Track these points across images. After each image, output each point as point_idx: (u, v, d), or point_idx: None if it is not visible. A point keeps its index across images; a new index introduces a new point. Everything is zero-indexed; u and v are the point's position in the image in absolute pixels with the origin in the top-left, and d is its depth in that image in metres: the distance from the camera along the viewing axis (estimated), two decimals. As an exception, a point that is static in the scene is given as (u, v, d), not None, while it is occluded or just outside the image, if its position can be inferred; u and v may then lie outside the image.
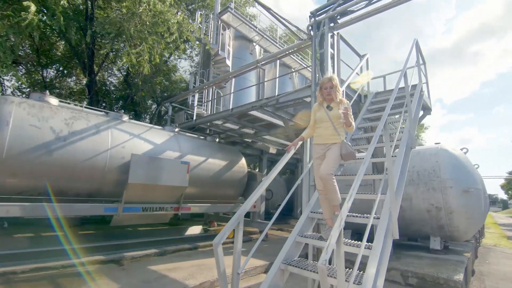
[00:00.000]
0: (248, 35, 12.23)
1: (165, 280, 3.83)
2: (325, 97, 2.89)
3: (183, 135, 7.02)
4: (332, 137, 2.81)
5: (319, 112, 2.91)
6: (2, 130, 3.89)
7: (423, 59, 5.68)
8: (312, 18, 4.70)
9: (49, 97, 4.86)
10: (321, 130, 2.87)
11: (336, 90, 2.83)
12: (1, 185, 4.01)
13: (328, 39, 4.45)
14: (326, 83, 2.84)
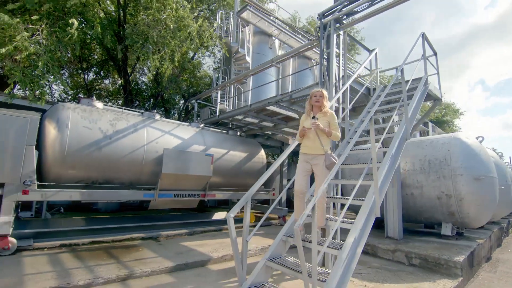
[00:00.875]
0: (267, 30, 12.61)
1: (193, 253, 4.62)
2: (313, 104, 3.15)
3: (207, 130, 7.77)
4: (316, 148, 3.04)
5: (306, 122, 3.15)
6: (63, 132, 4.86)
7: (433, 50, 5.82)
8: (319, 20, 5.08)
9: (95, 101, 5.81)
10: (307, 140, 3.10)
11: (325, 99, 3.12)
12: (64, 176, 5.02)
13: (333, 39, 4.82)
14: (316, 92, 3.16)
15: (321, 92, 3.14)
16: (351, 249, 2.57)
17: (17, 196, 4.28)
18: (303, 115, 3.29)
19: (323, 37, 4.89)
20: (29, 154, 4.39)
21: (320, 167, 2.99)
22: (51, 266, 3.68)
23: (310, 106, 3.20)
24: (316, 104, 3.13)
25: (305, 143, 3.13)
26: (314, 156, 3.05)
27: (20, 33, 7.10)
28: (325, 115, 3.11)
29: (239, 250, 2.86)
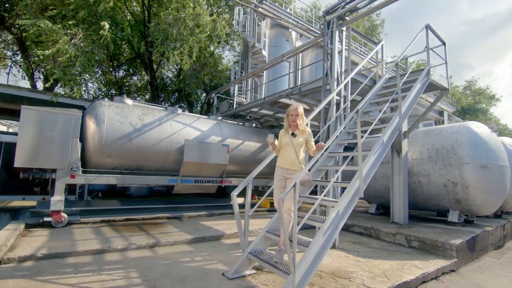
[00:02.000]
0: (284, 22, 12.83)
1: (210, 230, 5.32)
2: (290, 123, 3.24)
3: (225, 123, 8.40)
4: (293, 164, 3.16)
5: (284, 137, 3.23)
6: (101, 126, 5.72)
7: (441, 40, 5.89)
8: (323, 18, 5.39)
9: (126, 99, 6.63)
10: (286, 154, 3.21)
11: (301, 118, 3.20)
12: (102, 163, 5.92)
13: (336, 36, 5.13)
14: (292, 111, 3.22)
15: (296, 111, 3.20)
16: (333, 222, 3.05)
17: (66, 179, 5.21)
18: (282, 130, 3.36)
19: (327, 34, 5.22)
20: (74, 145, 5.29)
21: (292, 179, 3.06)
22: (95, 235, 4.55)
23: (288, 123, 3.27)
24: (293, 123, 3.22)
25: (283, 157, 3.25)
26: (289, 171, 3.19)
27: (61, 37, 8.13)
28: (303, 132, 3.21)
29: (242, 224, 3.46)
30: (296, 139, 3.16)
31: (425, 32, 5.23)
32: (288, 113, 3.27)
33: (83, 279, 2.95)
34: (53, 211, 4.93)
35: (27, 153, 4.84)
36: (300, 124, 3.19)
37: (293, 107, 3.25)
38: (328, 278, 3.33)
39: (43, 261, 3.44)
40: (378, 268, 3.79)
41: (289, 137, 3.18)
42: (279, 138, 3.31)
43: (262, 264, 3.11)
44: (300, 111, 3.22)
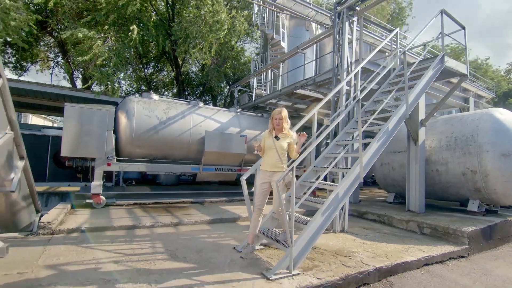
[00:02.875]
0: (303, 12, 12.78)
1: (228, 213, 5.81)
2: (274, 126, 3.27)
3: (244, 114, 8.80)
4: (276, 166, 3.21)
5: (268, 140, 3.29)
6: (131, 120, 6.39)
7: (460, 25, 5.70)
8: (334, 9, 5.48)
9: (153, 94, 7.26)
10: (268, 157, 3.26)
11: (285, 122, 3.22)
12: (133, 153, 6.62)
13: (346, 27, 5.22)
14: (277, 115, 3.24)
15: (280, 114, 3.22)
16: (332, 203, 3.32)
17: (104, 167, 5.95)
18: (266, 132, 3.39)
19: (337, 25, 5.33)
20: (109, 137, 6.00)
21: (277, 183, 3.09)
22: (128, 215, 5.23)
23: (272, 126, 3.31)
24: (277, 127, 3.25)
25: (266, 161, 3.30)
26: (272, 173, 3.23)
27: (96, 42, 8.97)
28: (287, 136, 3.24)
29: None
30: (279, 142, 3.20)
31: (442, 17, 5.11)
32: (272, 116, 3.29)
33: (117, 247, 3.55)
34: (93, 194, 5.70)
35: (71, 144, 5.62)
36: (285, 128, 3.21)
37: (277, 111, 3.27)
38: (329, 255, 3.63)
39: (87, 233, 4.12)
40: (381, 250, 4.00)
41: (272, 140, 3.22)
42: (263, 140, 3.35)
43: (267, 239, 3.49)
44: (284, 115, 3.23)
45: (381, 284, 3.23)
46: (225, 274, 2.85)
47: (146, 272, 2.80)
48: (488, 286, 3.39)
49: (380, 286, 3.18)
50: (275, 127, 3.26)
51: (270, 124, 3.35)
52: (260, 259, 3.33)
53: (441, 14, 5.20)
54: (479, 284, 3.44)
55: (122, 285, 2.49)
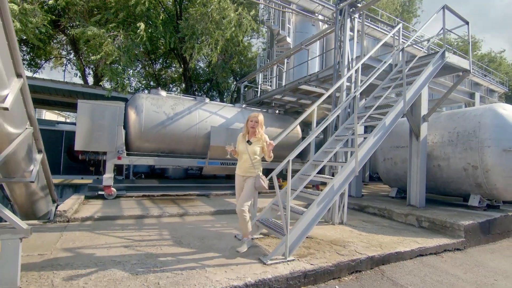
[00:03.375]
0: (310, 7, 12.76)
1: (231, 205, 6.05)
2: (248, 129, 3.28)
3: (248, 110, 8.98)
4: (249, 171, 3.25)
5: (241, 144, 3.31)
6: (140, 115, 6.67)
7: (464, 20, 5.70)
8: (335, 7, 5.56)
9: (161, 91, 7.52)
10: (241, 162, 3.31)
11: (260, 126, 3.23)
12: (142, 147, 6.92)
13: (347, 24, 5.30)
14: (252, 118, 3.26)
15: (256, 118, 3.25)
16: (327, 195, 3.50)
17: (114, 160, 6.27)
18: (240, 135, 3.41)
19: (338, 22, 5.42)
20: (120, 132, 6.30)
21: (249, 184, 3.25)
22: (137, 205, 5.54)
23: (246, 129, 3.31)
24: (251, 129, 3.25)
25: (240, 165, 3.35)
26: (246, 178, 3.29)
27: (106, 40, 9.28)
28: (259, 140, 3.25)
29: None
30: (252, 147, 3.22)
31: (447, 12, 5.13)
32: (248, 119, 3.30)
33: (127, 234, 3.84)
34: (105, 186, 6.03)
35: (84, 139, 5.94)
36: (258, 132, 3.23)
37: (253, 114, 3.29)
38: (325, 244, 3.82)
39: (99, 221, 4.44)
40: (376, 241, 4.17)
41: (245, 145, 3.25)
42: (237, 143, 3.38)
43: (266, 228, 3.71)
44: (260, 119, 3.25)
45: (373, 271, 3.41)
46: (225, 259, 3.09)
47: (153, 256, 3.06)
48: (478, 276, 3.52)
49: (372, 274, 3.36)
50: (249, 130, 3.26)
51: (244, 127, 3.33)
52: (259, 247, 3.56)
53: (443, 10, 5.22)
54: (470, 274, 3.58)
55: (132, 266, 2.76)
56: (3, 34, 2.75)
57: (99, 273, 2.56)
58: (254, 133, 3.25)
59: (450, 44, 21.58)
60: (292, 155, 3.34)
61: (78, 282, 2.38)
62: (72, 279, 2.44)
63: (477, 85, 20.18)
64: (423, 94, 6.25)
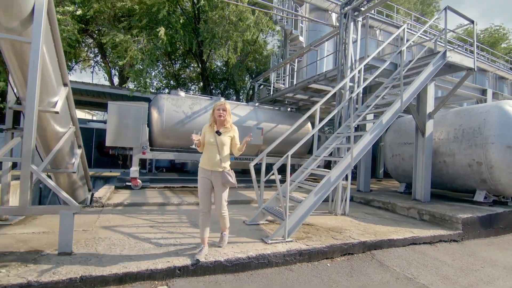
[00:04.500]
0: (323, 5, 12.95)
1: (243, 196, 6.62)
2: (216, 119, 3.01)
3: (261, 108, 9.47)
4: (216, 165, 2.96)
5: (208, 134, 3.00)
6: (162, 114, 7.37)
7: (469, 19, 5.83)
8: (340, 11, 5.89)
9: (180, 92, 8.19)
10: (208, 154, 2.98)
11: (228, 115, 3.00)
12: (164, 143, 7.63)
13: (351, 27, 5.62)
14: (219, 106, 3.00)
15: (223, 105, 3.02)
16: (324, 186, 3.94)
17: (139, 155, 7.01)
18: (206, 125, 3.13)
19: (342, 26, 5.75)
20: (144, 129, 7.02)
21: (218, 184, 3.00)
22: (160, 195, 6.24)
23: (213, 119, 3.05)
24: (219, 119, 2.99)
25: (205, 158, 3.03)
26: (212, 173, 2.99)
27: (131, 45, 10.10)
28: (229, 130, 3.06)
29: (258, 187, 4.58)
30: (221, 138, 2.98)
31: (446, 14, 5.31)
32: (214, 108, 3.05)
33: (152, 217, 4.50)
34: (132, 177, 6.79)
35: (113, 136, 6.71)
36: (227, 121, 3.03)
37: (219, 102, 3.08)
38: (323, 231, 4.27)
39: (128, 207, 5.16)
40: (372, 230, 4.55)
41: (213, 135, 2.98)
42: (202, 134, 3.07)
43: (270, 215, 4.22)
44: (228, 107, 3.05)
45: (364, 255, 3.83)
46: (233, 238, 3.64)
47: (173, 234, 3.68)
48: (465, 263, 3.83)
49: (363, 256, 3.78)
50: (217, 120, 3.01)
51: (211, 117, 3.08)
52: (263, 230, 4.08)
53: (445, 11, 5.40)
54: (458, 262, 3.89)
55: (156, 240, 3.38)
56: (54, 52, 3.42)
57: (131, 244, 3.20)
58: (222, 123, 3.02)
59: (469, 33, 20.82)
60: (292, 150, 3.82)
61: (115, 249, 3.03)
62: (110, 247, 3.08)
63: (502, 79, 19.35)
64: (429, 91, 6.44)
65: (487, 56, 18.20)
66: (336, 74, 6.88)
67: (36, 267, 2.50)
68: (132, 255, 2.89)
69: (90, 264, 2.63)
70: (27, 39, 2.71)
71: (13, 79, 3.25)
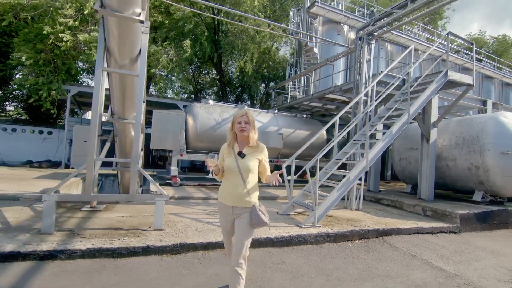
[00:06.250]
0: (335, 18, 13.88)
1: (269, 193, 7.63)
2: (237, 133, 2.22)
3: (280, 115, 10.47)
4: (241, 200, 2.17)
5: (228, 157, 2.24)
6: (196, 121, 8.42)
7: (468, 42, 6.72)
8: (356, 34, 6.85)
9: (209, 100, 9.25)
10: (229, 186, 2.22)
11: (253, 128, 2.22)
12: (198, 146, 8.68)
13: (365, 49, 6.58)
14: (240, 117, 2.21)
15: (245, 116, 2.22)
16: (345, 184, 4.90)
17: (178, 156, 8.07)
18: (224, 145, 2.36)
19: (358, 46, 6.71)
20: (181, 134, 8.08)
21: (244, 222, 2.17)
22: (198, 191, 7.28)
23: (233, 135, 2.27)
24: (241, 134, 2.22)
25: (225, 190, 2.27)
26: (235, 210, 2.20)
27: (162, 56, 11.23)
28: (255, 149, 2.25)
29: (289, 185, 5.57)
30: (245, 161, 2.19)
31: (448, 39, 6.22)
32: (234, 121, 2.26)
33: (202, 207, 5.54)
34: (172, 176, 7.86)
35: (157, 139, 7.78)
36: (252, 138, 2.21)
37: (240, 112, 2.26)
38: (343, 221, 5.23)
39: (179, 199, 6.21)
40: (383, 221, 5.49)
41: (234, 158, 2.20)
42: (220, 157, 2.34)
43: (300, 207, 5.22)
44: (251, 118, 2.24)
45: (377, 239, 4.78)
46: (273, 223, 4.63)
47: (226, 220, 4.70)
48: (460, 248, 4.74)
49: (376, 240, 4.73)
50: (238, 135, 2.25)
51: (229, 134, 2.29)
52: (294, 219, 5.06)
53: (448, 36, 6.31)
54: (454, 246, 4.80)
55: (217, 223, 4.40)
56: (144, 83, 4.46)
57: (200, 225, 4.23)
58: (245, 140, 2.24)
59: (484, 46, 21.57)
60: (319, 155, 4.79)
61: (191, 228, 4.06)
62: (187, 226, 4.11)
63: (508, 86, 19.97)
64: (433, 103, 7.33)
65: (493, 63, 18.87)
66: (351, 87, 7.84)
67: (144, 237, 3.53)
68: (205, 231, 3.91)
69: (180, 236, 3.65)
70: (136, 73, 3.77)
71: (112, 99, 4.31)
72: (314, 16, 13.27)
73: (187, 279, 2.82)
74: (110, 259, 3.08)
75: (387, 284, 3.10)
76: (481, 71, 16.98)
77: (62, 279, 2.61)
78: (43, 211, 3.39)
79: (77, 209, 4.80)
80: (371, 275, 3.29)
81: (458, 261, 4.03)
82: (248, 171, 2.19)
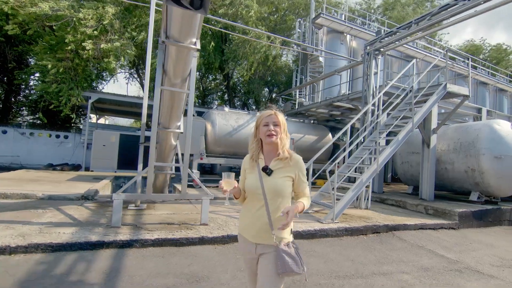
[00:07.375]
0: (339, 28, 14.65)
1: (284, 194, 8.27)
2: (263, 139, 1.64)
3: (290, 121, 11.18)
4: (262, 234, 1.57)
5: (251, 174, 1.68)
6: (214, 127, 9.08)
7: (464, 56, 7.47)
8: (364, 49, 7.58)
9: (225, 107, 9.92)
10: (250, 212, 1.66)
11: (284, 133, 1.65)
12: (216, 151, 9.33)
13: (373, 63, 7.30)
14: (266, 117, 1.63)
15: (275, 116, 1.63)
16: (358, 186, 5.58)
17: (198, 160, 8.71)
18: (247, 158, 1.78)
19: (366, 60, 7.44)
20: (202, 139, 8.73)
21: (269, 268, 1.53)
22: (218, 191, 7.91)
23: (258, 144, 1.71)
24: (268, 140, 1.61)
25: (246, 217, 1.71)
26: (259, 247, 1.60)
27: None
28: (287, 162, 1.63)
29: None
30: (272, 180, 1.60)
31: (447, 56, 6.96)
32: (259, 123, 1.68)
33: (231, 206, 6.19)
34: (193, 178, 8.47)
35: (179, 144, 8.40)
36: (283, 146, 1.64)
37: (267, 112, 1.66)
38: (356, 218, 5.91)
39: (205, 200, 6.84)
40: (391, 218, 6.18)
41: (258, 176, 1.63)
42: (242, 172, 1.81)
43: (319, 205, 5.88)
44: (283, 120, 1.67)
45: (387, 233, 5.46)
46: (297, 220, 5.28)
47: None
48: (459, 241, 5.44)
49: (387, 234, 5.41)
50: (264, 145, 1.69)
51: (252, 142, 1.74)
52: (314, 216, 5.74)
53: (446, 52, 7.05)
54: (453, 239, 5.51)
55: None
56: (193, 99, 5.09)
57: (234, 221, 4.88)
58: (275, 147, 1.65)
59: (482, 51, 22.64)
60: (338, 159, 5.48)
61: (229, 223, 4.71)
62: (226, 222, 4.76)
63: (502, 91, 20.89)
64: (433, 112, 8.07)
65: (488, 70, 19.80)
66: (357, 96, 8.56)
67: (196, 230, 4.18)
68: (243, 226, 4.57)
69: (225, 229, 4.31)
70: (187, 91, 4.43)
71: (159, 111, 4.96)
72: (319, 27, 14.03)
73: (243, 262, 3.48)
74: (174, 247, 3.72)
75: (401, 266, 3.78)
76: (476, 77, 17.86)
77: (146, 261, 3.25)
78: (113, 208, 4.03)
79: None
80: (388, 260, 3.97)
81: (458, 251, 4.72)
82: (276, 194, 1.57)
